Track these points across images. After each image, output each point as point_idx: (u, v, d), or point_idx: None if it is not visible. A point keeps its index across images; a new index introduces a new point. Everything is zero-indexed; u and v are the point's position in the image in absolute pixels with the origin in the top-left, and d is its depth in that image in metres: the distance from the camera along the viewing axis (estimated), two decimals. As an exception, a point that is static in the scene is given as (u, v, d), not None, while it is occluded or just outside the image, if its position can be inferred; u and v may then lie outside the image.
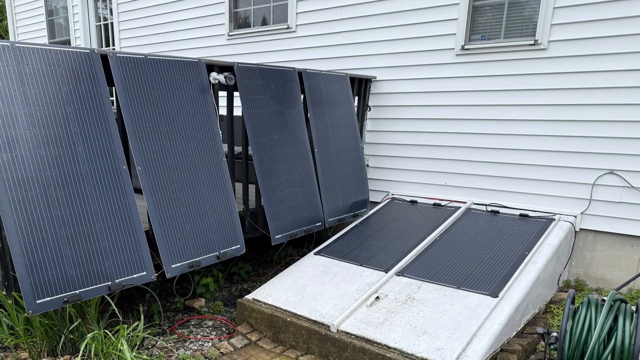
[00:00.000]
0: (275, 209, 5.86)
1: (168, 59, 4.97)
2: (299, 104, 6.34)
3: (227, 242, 5.29)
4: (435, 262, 5.64)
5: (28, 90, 3.97)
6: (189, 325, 5.65)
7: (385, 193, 7.99)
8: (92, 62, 4.38)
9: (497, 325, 4.53)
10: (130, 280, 4.43)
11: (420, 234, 6.30)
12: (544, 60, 6.32)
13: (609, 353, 3.67)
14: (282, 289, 5.53)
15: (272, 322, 5.20)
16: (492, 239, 5.97)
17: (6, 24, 20.19)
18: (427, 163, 7.52)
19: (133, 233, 4.49)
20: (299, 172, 6.22)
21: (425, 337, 4.46)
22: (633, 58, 5.76)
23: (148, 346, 5.13)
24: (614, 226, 6.16)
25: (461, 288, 5.12)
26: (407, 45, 7.39)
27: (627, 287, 6.16)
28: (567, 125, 6.28)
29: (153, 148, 4.75)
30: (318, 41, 8.39)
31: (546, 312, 5.71)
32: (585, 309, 3.94)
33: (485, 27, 6.71)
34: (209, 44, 10.01)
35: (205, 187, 5.14)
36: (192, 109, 5.12)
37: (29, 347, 4.53)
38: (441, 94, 7.21)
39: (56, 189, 4.04)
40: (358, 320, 4.84)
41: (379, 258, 5.89)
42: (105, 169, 4.36)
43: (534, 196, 6.65)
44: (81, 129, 4.24)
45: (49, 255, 3.95)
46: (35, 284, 3.86)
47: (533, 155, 6.57)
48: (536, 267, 5.34)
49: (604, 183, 6.14)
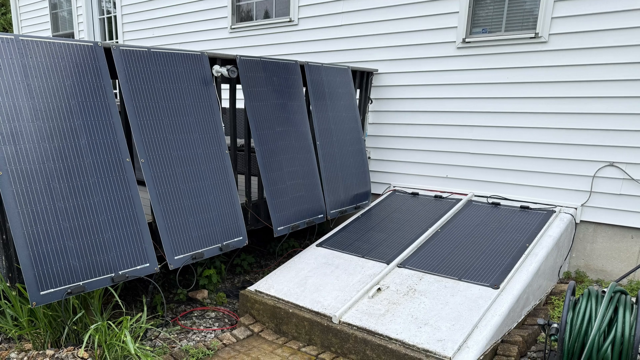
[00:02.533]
0: (278, 200, 5.88)
1: (171, 52, 4.99)
2: (301, 96, 6.35)
3: (229, 234, 5.32)
4: (437, 254, 5.67)
5: (32, 83, 3.99)
6: (191, 317, 5.68)
7: (387, 185, 8.01)
8: (96, 55, 4.39)
9: (498, 317, 4.55)
10: (133, 272, 4.46)
11: (422, 226, 6.32)
12: (545, 53, 6.32)
13: (609, 344, 3.70)
14: (285, 281, 5.56)
15: (274, 314, 5.23)
16: (493, 230, 6.00)
17: (10, 17, 20.17)
18: (428, 155, 7.54)
19: (136, 225, 4.51)
20: (301, 164, 6.24)
21: (426, 329, 4.49)
22: (633, 51, 5.77)
23: (151, 337, 5.16)
24: (614, 218, 6.18)
25: (462, 280, 5.14)
26: (409, 38, 7.40)
27: (627, 279, 6.19)
28: (567, 117, 6.29)
29: (156, 140, 4.77)
30: (320, 34, 8.39)
31: (547, 303, 5.73)
32: (585, 301, 3.96)
33: (486, 20, 6.71)
34: (212, 37, 10.01)
35: (208, 179, 5.17)
36: (194, 102, 5.13)
37: (32, 338, 4.55)
38: (443, 87, 7.22)
39: (60, 181, 4.07)
40: (360, 311, 4.86)
41: (380, 250, 5.91)
42: (108, 161, 4.38)
43: (534, 188, 6.67)
44: (84, 122, 4.26)
45: (53, 247, 3.97)
46: (39, 275, 3.88)
47: (534, 148, 6.58)
48: (537, 259, 5.36)
49: (604, 175, 6.16)
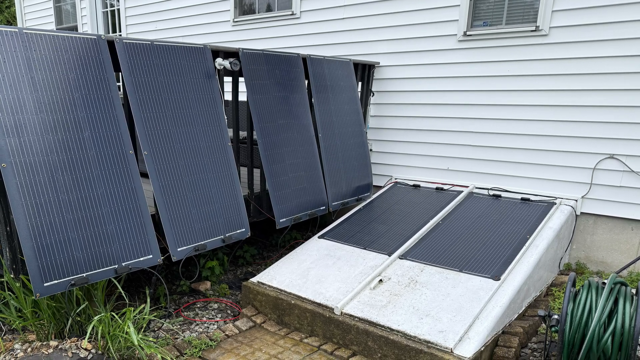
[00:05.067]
0: (280, 193, 5.91)
1: (174, 45, 5.00)
2: (303, 89, 6.37)
3: (232, 226, 5.34)
4: (438, 246, 5.69)
5: (36, 76, 4.01)
6: (194, 308, 5.71)
7: (389, 177, 8.04)
8: (99, 48, 4.41)
9: (499, 308, 4.58)
10: (136, 264, 4.48)
11: (423, 218, 6.35)
12: (545, 46, 6.33)
13: (609, 335, 3.72)
14: (287, 272, 5.59)
15: (276, 305, 5.27)
16: (493, 222, 6.02)
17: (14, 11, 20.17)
18: (429, 148, 7.55)
19: (139, 217, 4.54)
20: (304, 156, 6.26)
21: (428, 320, 4.52)
22: (633, 44, 5.78)
23: (154, 328, 5.20)
24: (615, 210, 6.20)
25: (463, 271, 5.17)
26: (410, 31, 7.41)
27: (627, 270, 6.21)
28: (568, 110, 6.30)
29: (159, 133, 4.79)
30: (322, 27, 8.40)
31: (547, 294, 5.76)
32: (586, 292, 3.98)
33: (487, 13, 6.72)
34: (215, 30, 10.02)
35: (210, 171, 5.19)
36: (197, 94, 5.15)
37: (36, 330, 4.57)
38: (444, 80, 7.24)
39: (63, 174, 4.09)
40: (361, 302, 4.90)
41: (382, 241, 5.94)
42: (111, 153, 4.40)
43: (535, 180, 6.69)
44: (88, 114, 4.28)
45: (57, 238, 4.00)
46: (43, 267, 3.91)
47: (534, 140, 6.60)
48: (537, 251, 5.39)
49: (604, 167, 6.18)
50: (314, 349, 4.81)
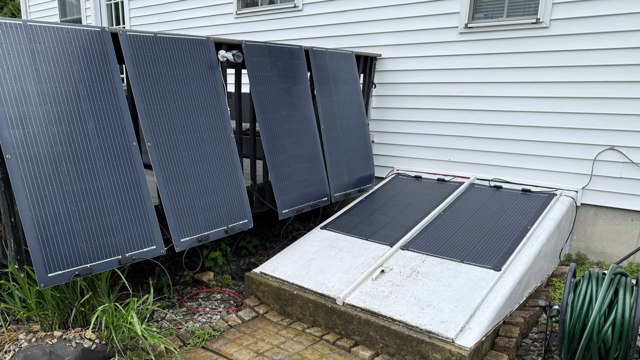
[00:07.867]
0: (283, 184, 5.93)
1: (177, 37, 5.02)
2: (306, 81, 6.38)
3: (235, 217, 5.37)
4: (439, 236, 5.72)
5: (40, 68, 4.03)
6: (197, 299, 5.75)
7: (390, 169, 8.06)
8: (103, 40, 4.43)
9: (500, 299, 4.61)
10: (140, 254, 4.51)
11: (425, 209, 6.37)
12: (546, 38, 6.34)
13: (609, 325, 3.75)
14: (289, 263, 5.62)
15: (279, 295, 5.30)
16: (494, 213, 6.04)
17: (18, 3, 20.15)
18: (431, 139, 7.57)
19: (143, 208, 4.57)
20: (306, 148, 6.28)
21: (429, 310, 4.55)
22: (633, 36, 5.79)
23: (158, 319, 5.23)
24: (615, 201, 6.22)
25: (464, 262, 5.20)
26: (412, 23, 7.41)
27: (628, 261, 6.24)
28: (568, 102, 6.32)
29: (162, 124, 4.81)
30: (324, 20, 8.40)
31: (548, 285, 5.79)
32: (586, 283, 4.01)
33: (488, 5, 6.72)
34: (218, 22, 10.02)
35: (213, 162, 5.21)
36: (200, 86, 5.17)
37: (40, 320, 4.60)
38: (445, 72, 7.25)
39: (67, 165, 4.11)
40: (363, 293, 4.93)
41: (384, 232, 5.97)
42: (115, 145, 4.42)
43: (536, 172, 6.71)
44: (92, 106, 4.30)
45: (61, 229, 4.03)
46: (47, 257, 3.93)
47: (535, 132, 6.62)
48: (538, 241, 5.41)
49: (604, 159, 6.19)
50: (316, 339, 4.85)
